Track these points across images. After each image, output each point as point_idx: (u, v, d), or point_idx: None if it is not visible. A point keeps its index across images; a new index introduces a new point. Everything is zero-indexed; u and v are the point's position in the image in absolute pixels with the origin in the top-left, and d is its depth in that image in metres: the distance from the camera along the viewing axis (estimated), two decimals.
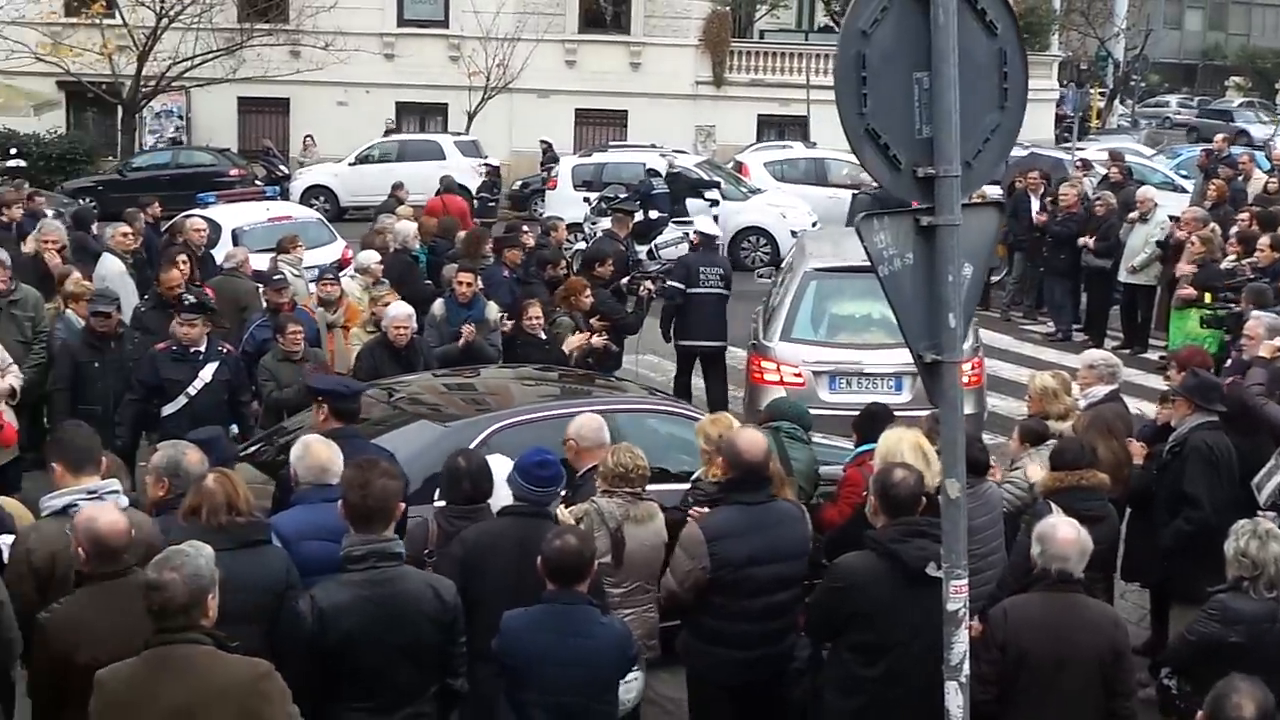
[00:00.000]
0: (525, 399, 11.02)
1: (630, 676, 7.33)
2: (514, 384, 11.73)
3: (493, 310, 13.77)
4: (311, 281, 14.98)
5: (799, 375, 13.52)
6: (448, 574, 6.82)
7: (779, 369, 13.60)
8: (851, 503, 8.65)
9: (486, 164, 32.98)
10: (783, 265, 17.34)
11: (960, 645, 6.06)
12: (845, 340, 13.89)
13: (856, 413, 9.88)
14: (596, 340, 13.62)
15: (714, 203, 27.45)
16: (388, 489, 6.31)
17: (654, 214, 24.37)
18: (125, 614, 5.81)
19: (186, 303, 11.82)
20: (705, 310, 15.67)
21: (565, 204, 27.82)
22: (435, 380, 11.50)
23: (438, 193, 24.17)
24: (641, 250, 22.75)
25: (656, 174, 26.31)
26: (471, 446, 8.80)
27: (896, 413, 9.70)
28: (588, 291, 14.17)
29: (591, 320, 14.02)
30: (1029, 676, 6.65)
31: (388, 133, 40.29)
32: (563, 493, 7.67)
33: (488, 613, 6.64)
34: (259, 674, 5.39)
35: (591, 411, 9.02)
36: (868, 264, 5.79)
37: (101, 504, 6.51)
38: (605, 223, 20.85)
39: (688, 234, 24.68)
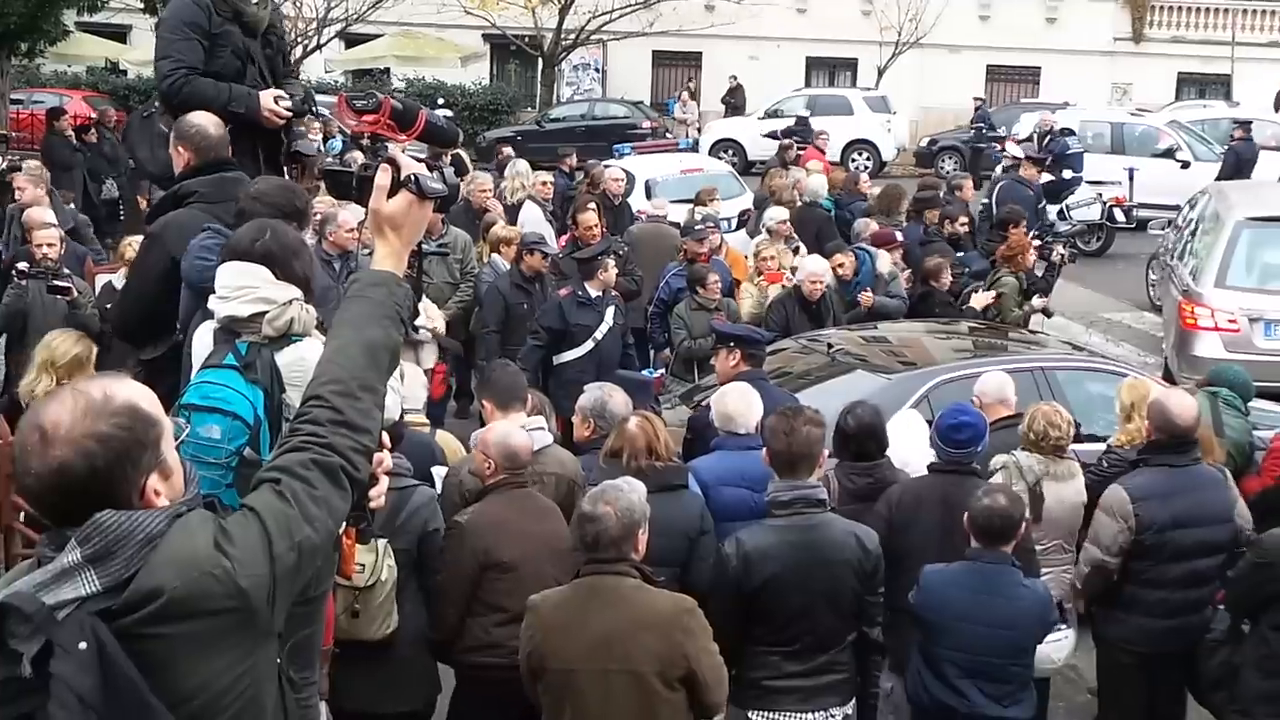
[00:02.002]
0: (961, 354, 11.05)
1: (1059, 635, 7.22)
2: (946, 339, 11.70)
3: (884, 262, 13.61)
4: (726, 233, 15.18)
5: (1233, 321, 14.03)
6: (873, 529, 6.81)
7: (1213, 315, 14.11)
8: (1275, 474, 8.31)
9: None
10: (1191, 217, 17.18)
11: None
12: None
13: None
14: (1038, 302, 13.48)
15: (1184, 164, 26.61)
16: (811, 436, 6.32)
17: (1067, 173, 23.64)
18: (529, 518, 6.45)
19: (604, 248, 12.13)
20: None
21: None
22: (855, 333, 11.52)
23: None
24: (1052, 211, 22.17)
25: (1071, 132, 25.53)
26: (913, 399, 9.01)
27: None
28: (1031, 251, 13.94)
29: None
30: None
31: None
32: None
33: (913, 567, 6.64)
34: (684, 609, 5.51)
35: (1006, 370, 9.01)
36: None
37: (509, 424, 6.93)
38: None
39: (1100, 195, 24.01)
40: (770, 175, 18.66)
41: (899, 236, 14.39)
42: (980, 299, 13.09)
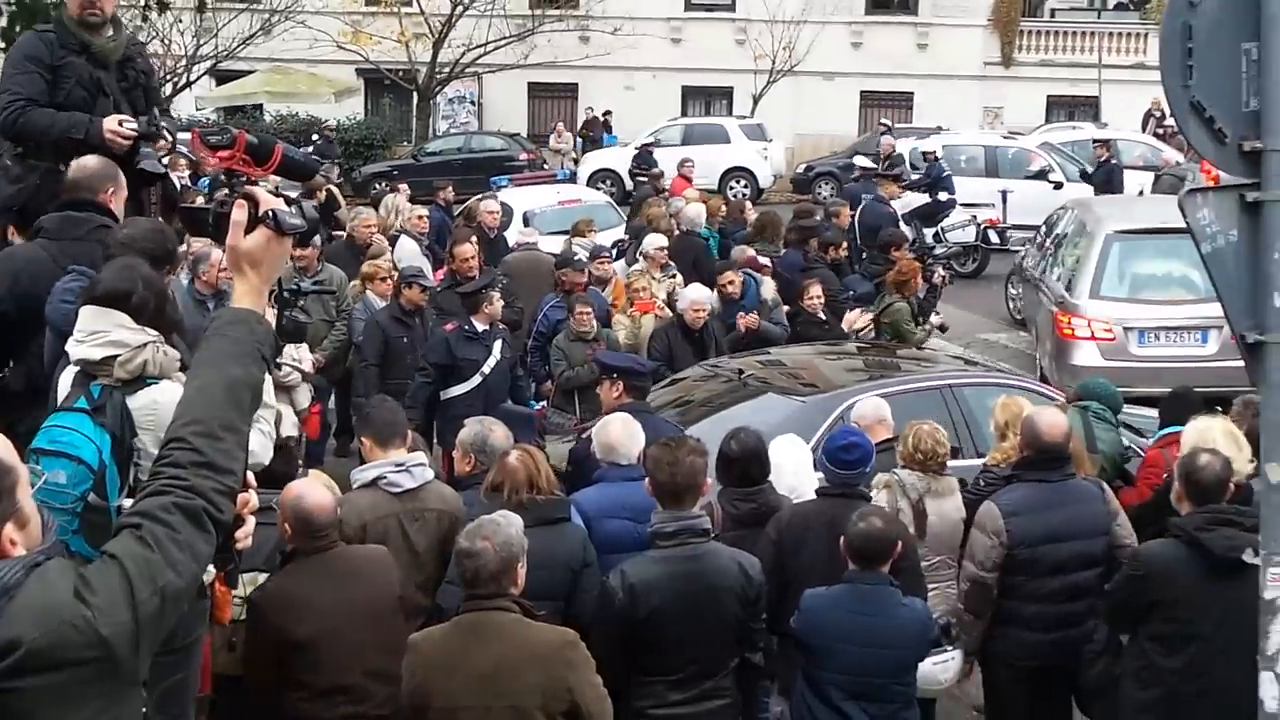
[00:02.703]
0: (869, 374, 11.24)
1: (946, 656, 7.27)
2: (837, 360, 11.85)
3: (769, 288, 13.70)
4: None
5: (1109, 331, 14.47)
6: (762, 553, 6.82)
7: (1089, 325, 14.59)
8: (1151, 485, 8.43)
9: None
10: (1056, 232, 17.77)
11: (1278, 635, 5.80)
12: (1151, 297, 14.88)
13: (1165, 365, 9.86)
14: (935, 319, 13.79)
15: (1057, 185, 27.06)
16: (695, 466, 6.33)
17: (942, 196, 24.00)
18: (338, 587, 6.07)
19: (487, 282, 12.05)
20: None
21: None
22: (752, 358, 11.49)
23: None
24: (928, 233, 22.51)
25: (936, 157, 25.90)
26: (829, 420, 9.14)
27: (1202, 364, 10.51)
28: (920, 277, 14.09)
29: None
30: None
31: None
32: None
33: (800, 591, 6.64)
34: (565, 642, 5.49)
35: (916, 388, 9.73)
36: (1167, 226, 5.68)
37: (308, 482, 6.59)
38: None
39: (975, 217, 24.38)
40: (646, 204, 18.64)
41: (766, 262, 14.46)
42: (851, 318, 13.21)
